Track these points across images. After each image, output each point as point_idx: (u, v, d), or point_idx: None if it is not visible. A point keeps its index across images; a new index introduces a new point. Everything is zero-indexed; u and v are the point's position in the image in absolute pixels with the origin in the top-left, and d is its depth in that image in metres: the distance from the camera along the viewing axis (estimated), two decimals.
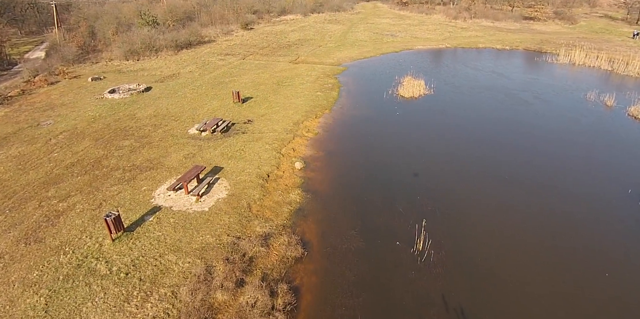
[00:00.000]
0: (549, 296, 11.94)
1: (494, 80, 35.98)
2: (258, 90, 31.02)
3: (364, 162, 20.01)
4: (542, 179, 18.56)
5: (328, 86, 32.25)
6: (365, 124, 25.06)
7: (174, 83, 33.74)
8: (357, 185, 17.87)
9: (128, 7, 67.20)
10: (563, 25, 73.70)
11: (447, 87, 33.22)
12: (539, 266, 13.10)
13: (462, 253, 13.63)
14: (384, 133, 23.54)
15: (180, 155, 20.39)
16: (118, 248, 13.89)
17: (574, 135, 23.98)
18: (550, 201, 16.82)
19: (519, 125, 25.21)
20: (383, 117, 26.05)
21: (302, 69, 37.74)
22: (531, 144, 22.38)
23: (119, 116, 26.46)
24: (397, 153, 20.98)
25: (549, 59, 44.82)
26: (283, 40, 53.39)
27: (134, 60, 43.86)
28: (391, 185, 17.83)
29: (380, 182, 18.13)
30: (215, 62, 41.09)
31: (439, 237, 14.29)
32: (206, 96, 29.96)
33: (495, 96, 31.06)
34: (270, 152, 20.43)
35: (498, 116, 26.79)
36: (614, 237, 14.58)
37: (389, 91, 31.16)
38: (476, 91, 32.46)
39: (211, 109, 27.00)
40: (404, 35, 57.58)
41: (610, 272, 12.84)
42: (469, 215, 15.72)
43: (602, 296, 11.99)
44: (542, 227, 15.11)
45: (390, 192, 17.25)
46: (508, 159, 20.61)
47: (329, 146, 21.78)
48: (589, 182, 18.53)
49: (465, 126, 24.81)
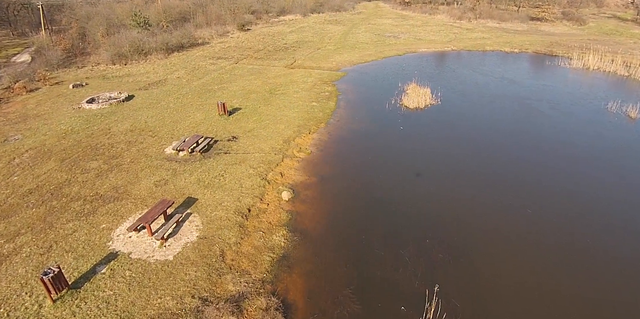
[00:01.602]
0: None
1: (505, 87, 32.87)
2: (248, 99, 28.02)
3: (362, 191, 17.03)
4: (576, 212, 15.54)
5: (325, 95, 29.22)
6: (365, 141, 22.05)
7: (158, 91, 30.79)
8: (355, 222, 14.89)
9: (122, 8, 64.13)
10: (572, 27, 70.26)
11: (455, 95, 30.14)
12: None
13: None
14: (385, 153, 20.55)
15: (151, 182, 17.46)
16: (59, 312, 11.00)
17: (602, 154, 20.91)
18: (593, 244, 13.81)
19: (539, 141, 22.16)
20: (385, 133, 23.03)
21: (298, 75, 34.71)
22: (555, 165, 19.33)
23: (93, 131, 23.54)
24: (400, 178, 18.00)
25: (561, 63, 41.62)
26: (280, 43, 50.31)
27: (121, 65, 40.93)
28: (395, 222, 14.84)
29: (382, 218, 15.14)
30: (205, 67, 38.09)
31: (455, 299, 11.33)
32: (190, 106, 27.00)
33: (508, 107, 27.98)
34: (254, 179, 17.47)
35: (513, 131, 23.72)
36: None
37: (391, 101, 28.11)
38: (487, 100, 29.37)
39: (194, 122, 24.03)
40: (407, 37, 54.38)
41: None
42: (491, 265, 12.74)
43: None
44: (588, 281, 12.11)
45: (394, 232, 14.27)
46: (530, 186, 17.57)
47: (323, 169, 18.80)
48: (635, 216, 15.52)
49: (477, 144, 21.79)
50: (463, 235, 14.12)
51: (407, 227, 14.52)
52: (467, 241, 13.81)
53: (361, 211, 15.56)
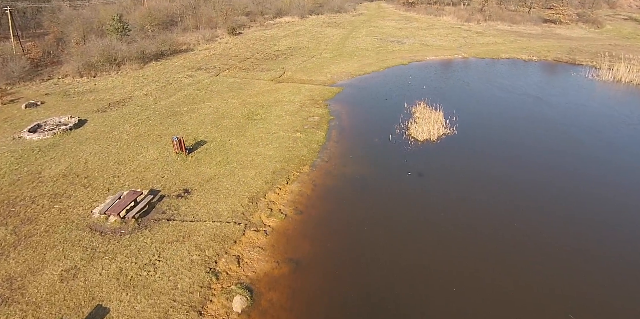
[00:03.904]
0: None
1: (532, 107, 26.87)
2: (218, 128, 22.18)
3: (355, 291, 11.28)
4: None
5: (314, 121, 23.35)
6: (361, 196, 16.13)
7: (116, 114, 25.05)
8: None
9: (107, 11, 58.05)
10: (588, 30, 63.76)
11: (473, 120, 24.17)
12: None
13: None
14: (388, 217, 14.71)
15: (56, 272, 11.76)
16: None
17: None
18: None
19: (591, 194, 16.29)
20: (387, 182, 17.12)
21: (285, 92, 28.82)
22: (620, 228, 13.49)
23: (20, 174, 17.85)
24: (408, 267, 12.22)
25: (587, 74, 35.52)
26: (271, 49, 44.37)
27: (89, 77, 35.21)
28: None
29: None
30: (181, 81, 32.29)
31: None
32: (147, 137, 21.22)
33: (541, 137, 22.01)
34: (197, 272, 11.70)
35: (555, 177, 17.75)
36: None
37: (395, 129, 22.21)
38: (513, 127, 23.39)
39: (143, 164, 18.27)
40: (413, 42, 48.24)
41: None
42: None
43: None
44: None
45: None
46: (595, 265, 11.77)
47: (300, 247, 13.01)
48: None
49: (509, 202, 15.89)
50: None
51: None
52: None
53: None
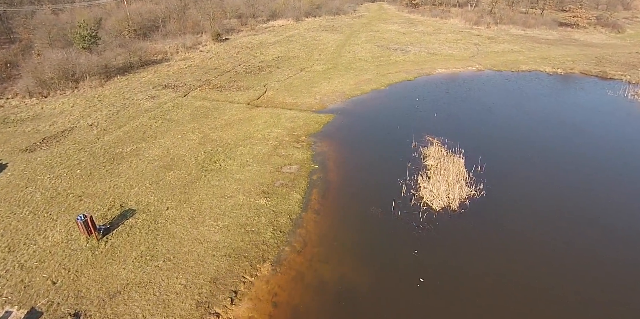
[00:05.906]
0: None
1: (575, 144, 20.40)
2: (158, 186, 15.86)
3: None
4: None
5: (289, 173, 16.93)
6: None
7: (44, 156, 18.80)
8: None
9: (84, 15, 51.47)
10: (609, 34, 56.77)
11: (505, 169, 17.68)
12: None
13: None
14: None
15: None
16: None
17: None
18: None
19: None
20: (389, 299, 10.87)
21: (260, 122, 22.43)
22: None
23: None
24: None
25: (625, 93, 29.04)
26: (256, 59, 37.91)
27: (39, 98, 28.96)
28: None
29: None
30: (139, 104, 25.96)
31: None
32: (63, 201, 14.91)
33: (600, 195, 15.59)
34: None
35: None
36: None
37: (401, 189, 15.81)
38: (557, 177, 16.92)
39: (39, 253, 12.00)
40: (418, 51, 41.54)
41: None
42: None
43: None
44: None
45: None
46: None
47: None
48: None
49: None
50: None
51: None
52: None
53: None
